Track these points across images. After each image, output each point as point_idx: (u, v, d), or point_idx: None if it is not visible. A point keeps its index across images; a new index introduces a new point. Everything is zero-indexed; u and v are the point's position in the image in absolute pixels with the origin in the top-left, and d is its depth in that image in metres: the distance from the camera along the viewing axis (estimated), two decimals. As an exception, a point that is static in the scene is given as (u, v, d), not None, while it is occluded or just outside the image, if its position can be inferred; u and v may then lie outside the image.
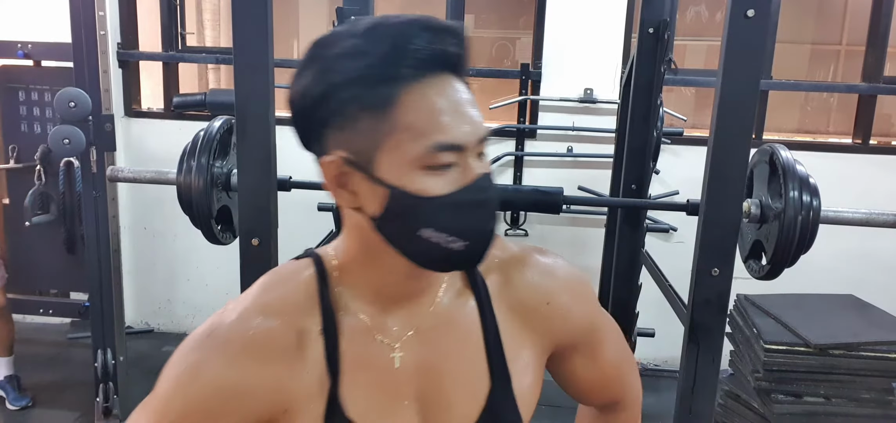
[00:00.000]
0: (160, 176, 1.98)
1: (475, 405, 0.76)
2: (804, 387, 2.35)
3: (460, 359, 0.76)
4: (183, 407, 0.71)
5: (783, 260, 1.76)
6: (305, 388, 0.71)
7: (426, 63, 0.64)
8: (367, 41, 0.64)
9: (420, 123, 0.64)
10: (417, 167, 0.64)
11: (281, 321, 0.71)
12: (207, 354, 0.72)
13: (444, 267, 0.71)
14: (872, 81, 3.40)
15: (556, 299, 0.81)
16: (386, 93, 0.63)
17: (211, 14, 4.96)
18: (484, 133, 0.67)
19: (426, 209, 0.65)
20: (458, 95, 0.66)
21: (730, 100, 1.53)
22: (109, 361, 2.67)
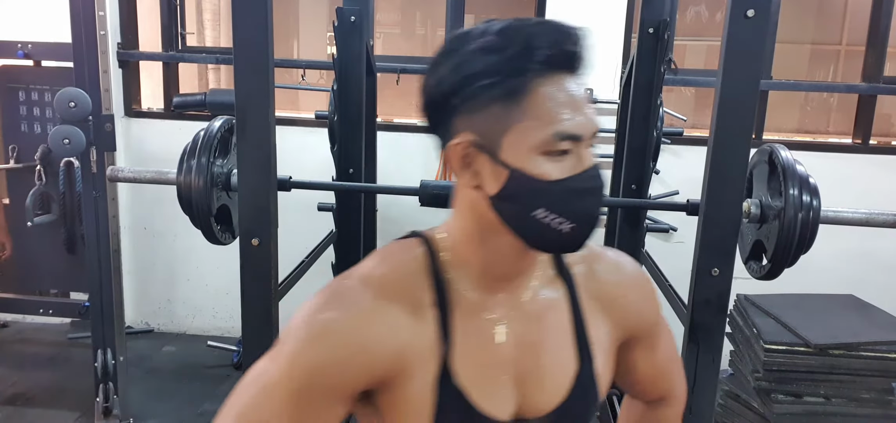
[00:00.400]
0: (160, 176, 1.98)
1: (565, 382, 0.84)
2: (804, 387, 2.36)
3: (553, 340, 0.85)
4: (311, 362, 0.75)
5: (783, 260, 1.76)
6: (421, 352, 0.78)
7: (552, 61, 0.73)
8: (501, 39, 0.72)
9: (544, 113, 0.72)
10: (538, 153, 0.73)
11: (400, 290, 0.79)
12: (337, 314, 0.76)
13: (550, 248, 0.79)
14: (872, 81, 3.40)
15: (631, 293, 0.92)
16: (517, 85, 0.72)
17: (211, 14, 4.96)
18: (596, 128, 0.75)
19: (542, 191, 0.73)
20: (577, 92, 0.74)
21: (730, 100, 1.53)
22: (109, 361, 2.67)
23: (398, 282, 0.79)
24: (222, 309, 3.79)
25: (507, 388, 0.83)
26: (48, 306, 3.30)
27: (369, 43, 2.49)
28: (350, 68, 2.32)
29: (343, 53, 2.31)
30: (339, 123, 2.37)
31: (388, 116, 3.89)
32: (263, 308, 1.68)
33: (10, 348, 3.58)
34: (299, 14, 5.47)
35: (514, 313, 0.84)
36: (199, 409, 3.04)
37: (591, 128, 0.74)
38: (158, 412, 2.99)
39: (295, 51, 5.41)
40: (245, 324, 1.69)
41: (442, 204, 1.90)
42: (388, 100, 4.49)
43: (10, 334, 3.74)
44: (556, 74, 0.73)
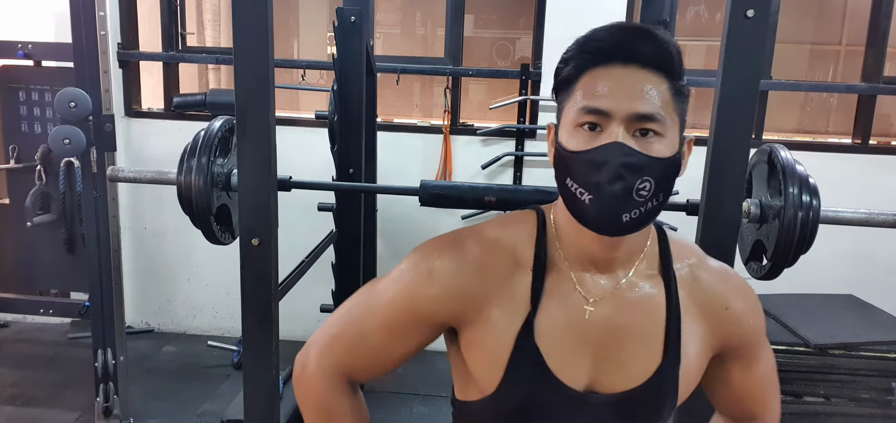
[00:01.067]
0: (160, 176, 1.98)
1: (644, 373, 0.88)
2: (804, 387, 2.36)
3: (642, 331, 0.89)
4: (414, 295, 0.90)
5: (783, 260, 1.76)
6: (509, 306, 0.87)
7: (608, 54, 0.81)
8: (581, 37, 0.84)
9: (582, 92, 0.82)
10: (573, 126, 0.82)
11: (504, 249, 0.89)
12: (445, 261, 0.89)
13: (586, 221, 0.83)
14: (872, 81, 3.40)
15: (734, 306, 0.93)
16: (572, 73, 0.83)
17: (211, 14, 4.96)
18: (635, 110, 0.79)
19: (566, 160, 0.82)
20: (626, 80, 0.80)
21: (729, 100, 1.53)
22: (110, 361, 2.67)
23: (506, 244, 0.90)
24: (222, 309, 3.79)
25: (585, 362, 0.88)
26: (48, 306, 3.30)
27: (369, 43, 2.50)
28: (350, 68, 2.32)
29: (343, 53, 2.31)
30: (339, 123, 2.38)
31: (388, 116, 3.89)
32: (264, 308, 1.67)
33: (10, 348, 3.58)
34: (299, 14, 5.47)
35: (608, 295, 0.89)
36: (200, 409, 3.04)
37: (622, 108, 0.79)
38: (158, 412, 2.99)
39: (295, 51, 5.41)
40: (245, 324, 1.69)
41: (442, 204, 1.90)
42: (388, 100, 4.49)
43: (10, 334, 3.74)
44: (608, 65, 0.81)
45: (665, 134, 0.81)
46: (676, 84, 0.83)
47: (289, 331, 2.00)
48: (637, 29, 0.83)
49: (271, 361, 1.70)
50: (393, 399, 3.17)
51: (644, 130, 0.80)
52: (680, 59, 0.84)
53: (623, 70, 0.81)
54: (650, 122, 0.80)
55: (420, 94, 4.98)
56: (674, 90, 0.83)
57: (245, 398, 1.73)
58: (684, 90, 0.85)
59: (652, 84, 0.81)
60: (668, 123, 0.82)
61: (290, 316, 1.97)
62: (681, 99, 0.84)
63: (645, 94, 0.80)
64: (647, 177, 0.80)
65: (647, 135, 0.80)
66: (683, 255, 0.94)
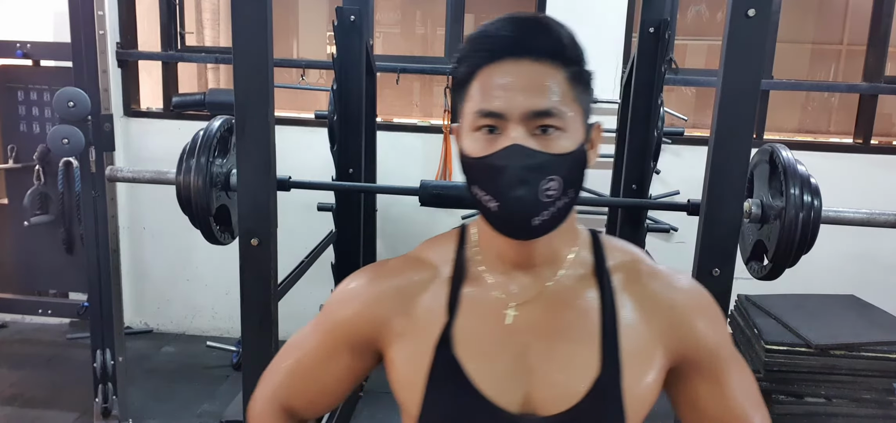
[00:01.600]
0: (159, 176, 1.98)
1: (581, 385, 0.80)
2: (805, 387, 2.35)
3: (573, 337, 0.82)
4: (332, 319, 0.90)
5: (784, 260, 1.75)
6: (426, 319, 0.84)
7: (499, 50, 0.77)
8: (472, 33, 0.80)
9: (476, 93, 0.78)
10: (471, 130, 0.79)
11: (425, 264, 0.88)
12: (358, 283, 0.90)
13: (498, 227, 0.79)
14: (873, 81, 3.39)
15: (682, 305, 0.85)
16: (466, 73, 0.79)
17: (210, 13, 4.95)
18: (530, 108, 0.75)
19: (469, 166, 0.80)
20: (520, 76, 0.76)
21: (730, 99, 1.52)
22: (108, 361, 2.66)
23: (428, 259, 0.88)
24: (222, 309, 3.78)
25: (513, 375, 0.81)
26: (47, 306, 3.29)
27: (369, 43, 2.49)
28: (350, 68, 2.32)
29: (343, 53, 2.31)
30: (339, 122, 2.37)
31: (388, 116, 3.88)
32: (263, 308, 1.67)
33: (8, 349, 3.58)
34: (299, 14, 5.46)
35: (533, 298, 0.83)
36: (199, 409, 3.04)
37: (517, 107, 0.75)
38: (157, 413, 2.99)
39: (295, 50, 5.41)
40: (245, 324, 1.69)
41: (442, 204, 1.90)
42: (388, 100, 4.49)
43: (8, 334, 3.73)
44: (500, 61, 0.77)
45: (566, 127, 0.77)
46: (574, 71, 0.79)
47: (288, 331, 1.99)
48: (527, 20, 0.79)
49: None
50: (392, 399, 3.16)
51: (544, 127, 0.76)
52: (574, 45, 0.80)
53: (515, 65, 0.77)
54: (548, 117, 0.76)
55: (420, 93, 4.98)
56: (572, 79, 0.78)
57: (244, 399, 1.72)
58: (584, 76, 0.81)
59: (547, 76, 0.77)
60: (569, 114, 0.77)
61: (290, 316, 1.96)
62: (581, 86, 0.80)
63: (540, 88, 0.76)
64: (553, 176, 0.76)
65: (547, 131, 0.76)
66: (619, 255, 0.87)
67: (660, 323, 0.83)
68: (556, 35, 0.79)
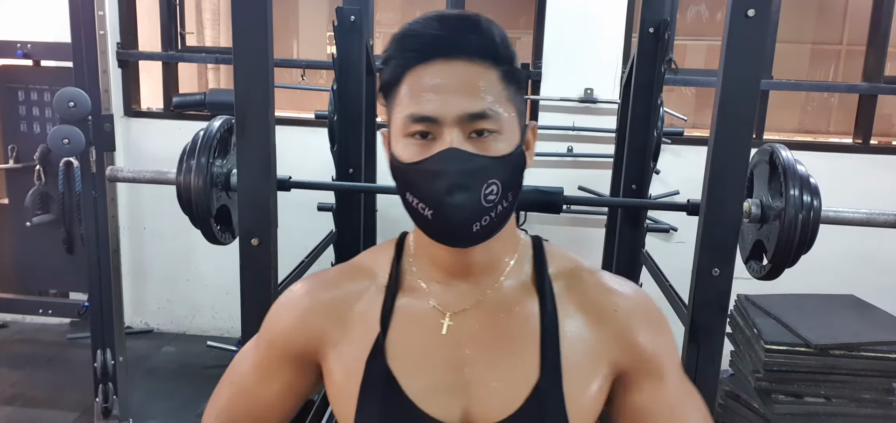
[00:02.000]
0: (160, 176, 1.98)
1: (519, 393, 0.78)
2: (805, 387, 2.35)
3: (512, 346, 0.80)
4: (269, 331, 0.89)
5: (784, 260, 1.75)
6: (359, 330, 0.82)
7: (428, 50, 0.74)
8: (399, 32, 0.76)
9: (406, 97, 0.74)
10: (402, 136, 0.75)
11: (363, 273, 0.86)
12: (291, 295, 0.88)
13: (434, 235, 0.77)
14: (873, 81, 3.39)
15: (626, 314, 0.81)
16: (394, 75, 0.76)
17: (210, 14, 4.96)
18: (465, 110, 0.72)
19: (401, 173, 0.76)
20: (452, 77, 0.73)
21: (730, 100, 1.52)
22: (109, 361, 2.66)
23: (366, 268, 0.86)
24: (222, 309, 3.79)
25: (450, 386, 0.79)
26: (47, 306, 3.30)
27: (369, 43, 2.49)
28: (350, 68, 2.32)
29: (343, 53, 2.31)
30: (339, 123, 2.37)
31: (387, 116, 3.88)
32: (263, 308, 1.65)
33: (9, 349, 3.58)
34: (299, 14, 5.46)
35: (470, 308, 0.81)
36: (199, 409, 3.04)
37: (450, 111, 0.72)
38: (158, 413, 2.99)
39: (295, 51, 5.41)
40: (245, 324, 1.69)
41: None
42: (388, 100, 4.48)
43: (9, 334, 3.74)
44: (430, 62, 0.73)
45: (502, 129, 0.74)
46: (506, 70, 0.75)
47: (288, 331, 2.00)
48: (457, 17, 0.76)
49: (271, 361, 1.69)
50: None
51: (480, 130, 0.73)
52: (506, 43, 0.76)
53: (446, 66, 0.73)
54: (484, 120, 0.73)
55: (420, 93, 4.97)
56: (505, 78, 0.75)
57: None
58: (517, 75, 0.77)
59: (480, 77, 0.73)
60: (505, 116, 0.74)
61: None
62: (514, 86, 0.77)
63: (474, 90, 0.73)
64: (492, 179, 0.73)
65: (483, 134, 0.73)
66: (561, 261, 0.84)
67: (603, 332, 0.80)
68: (489, 33, 0.75)
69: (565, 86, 3.34)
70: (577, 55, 3.30)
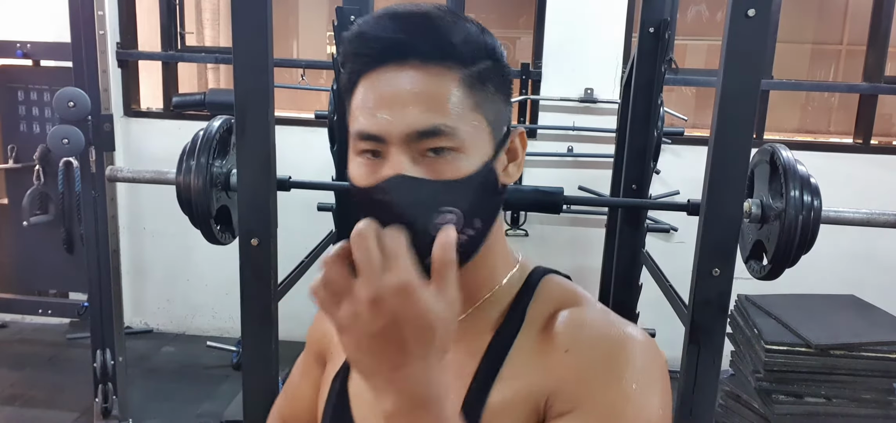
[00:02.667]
0: (159, 176, 1.98)
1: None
2: (805, 388, 2.35)
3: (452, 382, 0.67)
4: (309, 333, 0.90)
5: (784, 260, 1.75)
6: (338, 352, 0.80)
7: (379, 54, 0.64)
8: (352, 30, 0.67)
9: (357, 109, 0.65)
10: (353, 153, 0.67)
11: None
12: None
13: None
14: (873, 81, 3.39)
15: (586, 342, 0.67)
16: (348, 81, 0.67)
17: (210, 13, 4.96)
18: (413, 128, 0.62)
19: (354, 194, 0.67)
20: (402, 87, 0.62)
21: (730, 99, 1.52)
22: (108, 361, 2.66)
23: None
24: (222, 309, 3.78)
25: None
26: (47, 306, 3.30)
27: (369, 42, 2.49)
28: (350, 68, 2.31)
29: (343, 53, 2.30)
30: (339, 122, 2.37)
31: (387, 116, 3.88)
32: (263, 308, 1.67)
33: (9, 349, 3.58)
34: (299, 14, 5.46)
35: None
36: (199, 409, 3.04)
37: (395, 128, 0.62)
38: (157, 413, 2.99)
39: (295, 50, 5.41)
40: (245, 324, 1.68)
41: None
42: (388, 100, 4.48)
43: (9, 334, 3.73)
44: (381, 67, 0.63)
45: (463, 146, 0.63)
46: (473, 73, 0.64)
47: (288, 331, 2.00)
48: (411, 14, 0.64)
49: (271, 361, 1.69)
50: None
51: (436, 149, 0.62)
52: (471, 39, 0.65)
53: (398, 73, 0.63)
54: (437, 138, 0.62)
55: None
56: (471, 83, 0.64)
57: (244, 399, 1.72)
58: (489, 76, 0.66)
59: (436, 85, 0.63)
60: (466, 129, 0.63)
61: (290, 316, 1.97)
62: (485, 90, 0.65)
63: (426, 102, 0.62)
64: (447, 208, 0.62)
65: (441, 153, 0.62)
66: (556, 299, 0.72)
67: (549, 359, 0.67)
68: (445, 30, 0.64)
69: (565, 86, 3.33)
70: (577, 55, 3.30)
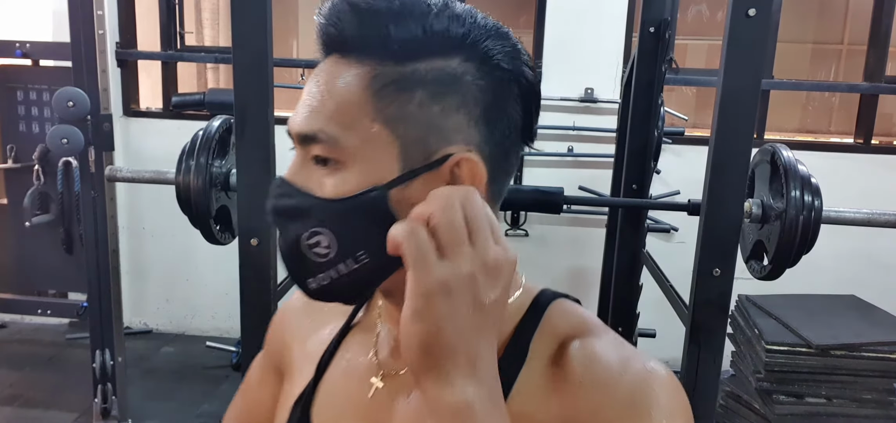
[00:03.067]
0: (159, 176, 1.98)
1: None
2: (806, 388, 2.35)
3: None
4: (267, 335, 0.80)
5: (784, 260, 1.75)
6: (299, 371, 0.71)
7: (321, 46, 0.58)
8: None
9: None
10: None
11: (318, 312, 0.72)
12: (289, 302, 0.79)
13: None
14: (874, 81, 3.39)
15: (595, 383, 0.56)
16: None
17: (210, 13, 4.95)
18: (294, 130, 0.55)
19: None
20: (311, 83, 0.56)
21: (731, 99, 1.52)
22: (108, 361, 2.66)
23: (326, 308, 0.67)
24: (221, 310, 3.78)
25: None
26: (46, 306, 3.29)
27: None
28: (349, 68, 2.31)
29: (342, 53, 2.30)
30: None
31: (387, 116, 3.87)
32: (262, 309, 1.66)
33: (8, 349, 3.58)
34: (299, 14, 5.46)
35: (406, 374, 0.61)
36: (198, 410, 3.03)
37: (290, 127, 0.56)
38: (157, 413, 2.98)
39: (294, 50, 5.40)
40: (244, 324, 1.68)
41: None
42: (388, 99, 4.48)
43: (8, 334, 3.73)
44: (324, 60, 0.57)
45: (347, 159, 0.53)
46: (403, 72, 0.53)
47: (288, 332, 2.00)
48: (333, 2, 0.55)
49: (270, 362, 1.69)
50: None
51: (319, 158, 0.54)
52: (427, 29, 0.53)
53: (321, 68, 0.57)
54: (314, 144, 0.54)
55: (420, 93, 4.96)
56: (382, 84, 0.52)
57: (243, 400, 1.72)
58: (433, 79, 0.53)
59: (333, 83, 0.54)
60: (354, 140, 0.52)
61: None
62: (407, 96, 0.53)
63: (316, 102, 0.54)
64: (318, 228, 0.53)
65: (327, 163, 0.53)
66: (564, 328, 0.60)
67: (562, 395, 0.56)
68: (369, 12, 0.53)
69: (565, 86, 3.33)
70: (577, 55, 3.30)
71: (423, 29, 0.53)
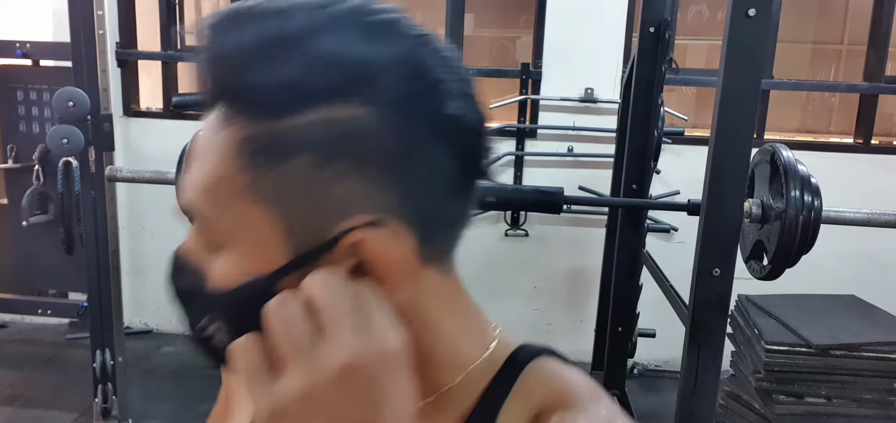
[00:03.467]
0: (159, 176, 1.98)
1: None
2: (805, 388, 2.35)
3: None
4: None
5: (784, 260, 1.75)
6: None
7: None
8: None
9: None
10: None
11: None
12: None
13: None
14: (874, 81, 3.39)
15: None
16: None
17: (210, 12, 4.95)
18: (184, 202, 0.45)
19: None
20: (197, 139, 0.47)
21: (731, 99, 1.52)
22: (108, 361, 2.66)
23: None
24: (222, 309, 3.78)
25: None
26: (47, 306, 3.29)
27: (369, 42, 2.48)
28: (349, 68, 2.31)
29: (342, 53, 2.30)
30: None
31: (387, 116, 3.87)
32: (262, 309, 1.67)
33: (8, 349, 3.58)
34: (299, 13, 5.45)
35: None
36: (198, 410, 3.03)
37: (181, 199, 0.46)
38: (157, 413, 2.99)
39: (295, 50, 5.40)
40: (243, 325, 1.68)
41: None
42: (388, 99, 4.48)
43: (8, 334, 3.73)
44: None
45: (227, 241, 0.43)
46: (263, 132, 0.41)
47: (287, 332, 2.00)
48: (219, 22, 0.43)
49: (270, 362, 1.69)
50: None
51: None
52: (267, 61, 0.40)
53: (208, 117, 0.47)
54: (197, 223, 0.46)
55: (420, 93, 4.96)
56: (253, 149, 0.41)
57: (243, 400, 1.72)
58: (295, 135, 0.40)
59: (210, 144, 0.44)
60: (226, 222, 0.43)
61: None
62: (287, 163, 0.40)
63: (192, 165, 0.45)
64: (212, 318, 0.46)
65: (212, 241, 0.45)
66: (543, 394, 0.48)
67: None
68: (220, 48, 0.43)
69: (565, 86, 3.33)
70: (577, 55, 3.30)
71: (301, 67, 0.39)
